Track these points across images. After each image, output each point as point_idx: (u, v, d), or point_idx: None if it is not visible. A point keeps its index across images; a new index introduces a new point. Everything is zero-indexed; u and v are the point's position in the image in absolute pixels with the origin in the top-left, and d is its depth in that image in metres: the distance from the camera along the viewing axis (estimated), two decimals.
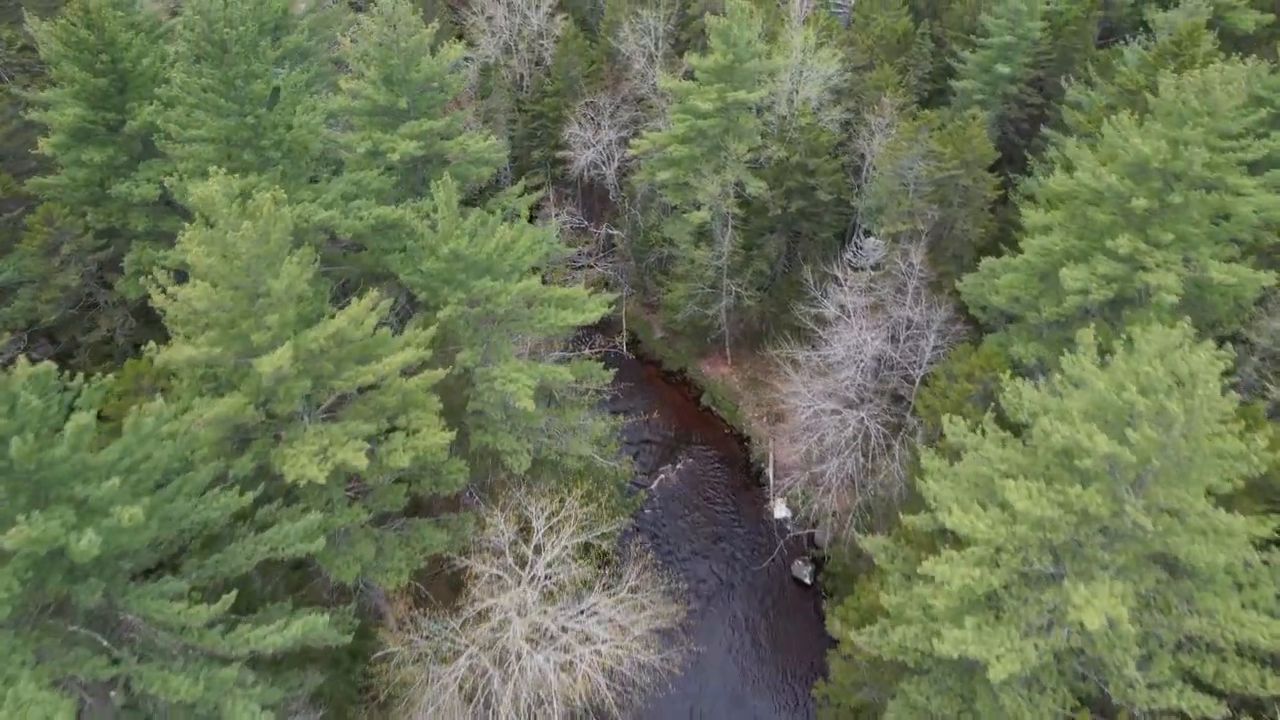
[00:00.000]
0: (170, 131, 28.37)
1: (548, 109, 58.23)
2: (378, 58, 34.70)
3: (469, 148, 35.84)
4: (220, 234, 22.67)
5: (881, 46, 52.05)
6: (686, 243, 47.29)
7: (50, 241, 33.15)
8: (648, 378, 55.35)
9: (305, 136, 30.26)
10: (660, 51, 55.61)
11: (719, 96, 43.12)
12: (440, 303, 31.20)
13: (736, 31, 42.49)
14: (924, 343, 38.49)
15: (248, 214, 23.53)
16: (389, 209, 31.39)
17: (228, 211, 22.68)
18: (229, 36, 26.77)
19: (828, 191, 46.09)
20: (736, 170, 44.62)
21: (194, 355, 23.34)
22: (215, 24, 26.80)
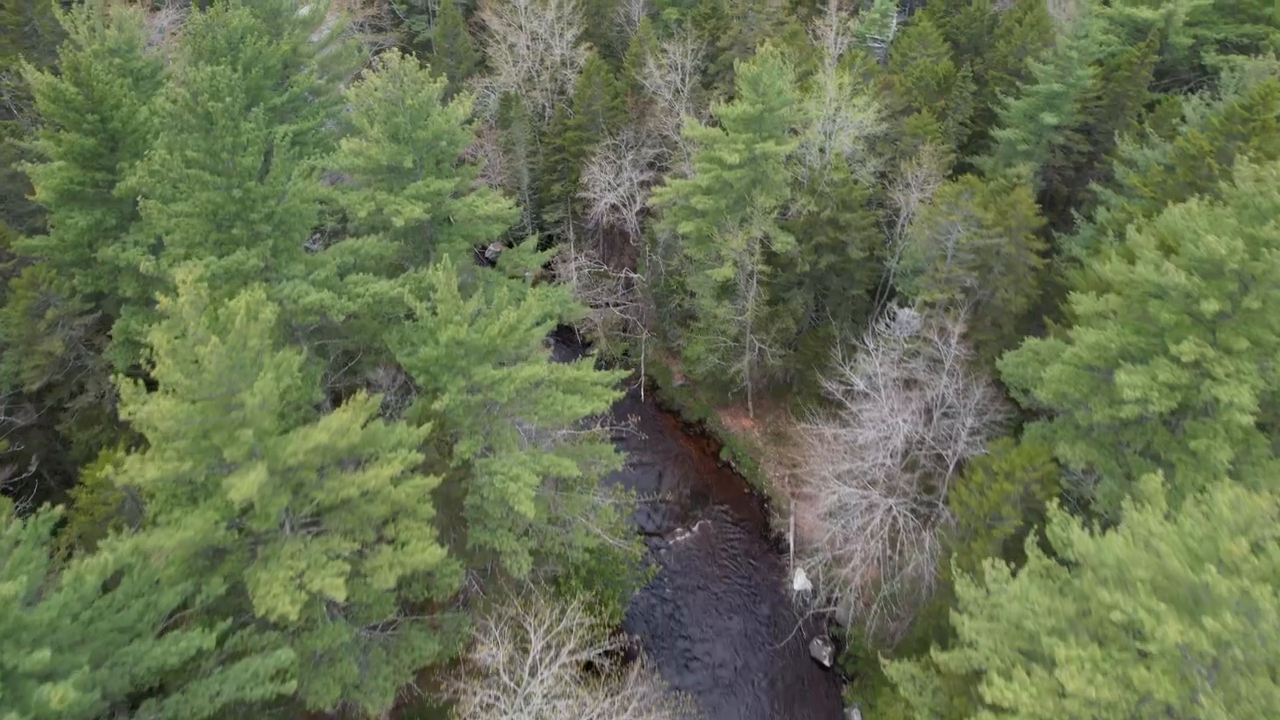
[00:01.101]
0: (151, 211, 26.09)
1: (568, 143, 55.51)
2: (382, 115, 32.17)
3: (478, 210, 33.24)
4: (188, 347, 20.27)
5: (920, 89, 48.75)
6: (708, 298, 44.44)
7: (35, 305, 31.06)
8: (666, 427, 52.61)
9: (299, 207, 27.84)
10: (687, 87, 52.66)
11: (746, 147, 40.17)
12: (439, 388, 28.72)
13: (767, 80, 39.48)
14: (959, 423, 35.46)
15: (222, 321, 21.11)
16: (387, 285, 28.90)
17: (195, 325, 20.25)
18: (215, 109, 24.36)
19: (860, 248, 43.01)
20: (763, 225, 41.68)
21: (160, 474, 20.97)
22: (200, 95, 24.40)
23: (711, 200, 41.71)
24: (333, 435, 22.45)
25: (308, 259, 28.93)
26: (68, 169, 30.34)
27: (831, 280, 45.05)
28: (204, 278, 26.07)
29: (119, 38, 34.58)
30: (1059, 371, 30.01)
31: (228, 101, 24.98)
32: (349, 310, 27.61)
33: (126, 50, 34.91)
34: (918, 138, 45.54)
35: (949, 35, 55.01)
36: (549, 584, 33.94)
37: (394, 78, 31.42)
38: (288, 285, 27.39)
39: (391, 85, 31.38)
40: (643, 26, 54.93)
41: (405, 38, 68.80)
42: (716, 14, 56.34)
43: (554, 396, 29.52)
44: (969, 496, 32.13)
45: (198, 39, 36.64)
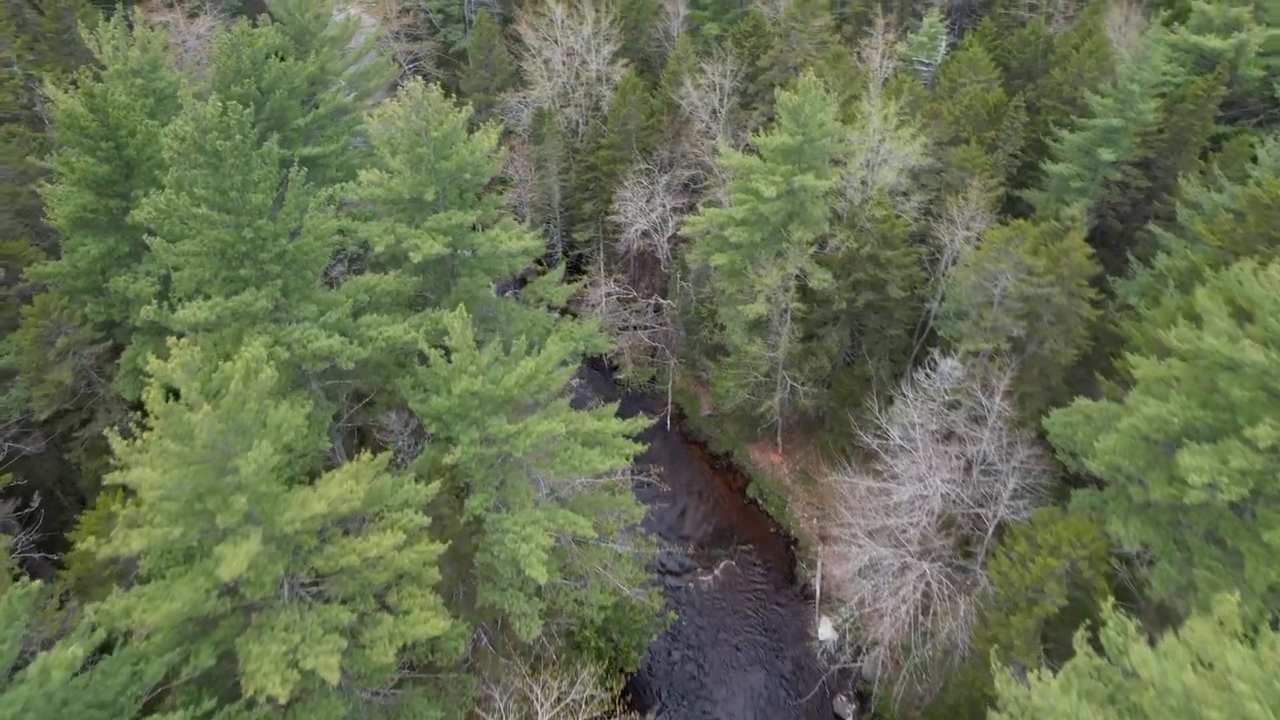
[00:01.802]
0: (158, 249, 24.83)
1: (601, 161, 53.77)
2: (405, 145, 30.65)
3: (501, 246, 31.60)
4: (179, 413, 18.84)
5: (969, 118, 46.25)
6: (739, 333, 42.45)
7: (45, 334, 30.05)
8: (691, 459, 50.72)
9: (313, 245, 26.41)
10: (725, 108, 50.64)
11: (784, 180, 38.10)
12: (451, 438, 27.14)
13: (809, 112, 37.37)
14: (1001, 483, 33.17)
15: (218, 382, 19.67)
16: (400, 329, 27.38)
17: (188, 390, 18.82)
18: (223, 149, 22.97)
19: (901, 287, 40.73)
20: (800, 260, 39.60)
21: (147, 543, 19.60)
22: (209, 133, 23.03)
23: (746, 232, 39.70)
24: (333, 503, 20.93)
25: (321, 298, 27.50)
26: (81, 195, 29.24)
27: (869, 318, 42.83)
28: (209, 321, 24.77)
29: (142, 58, 33.46)
30: (1114, 443, 27.62)
31: (237, 139, 23.56)
32: (360, 356, 26.12)
33: (150, 70, 33.78)
34: (965, 171, 43.14)
35: (1000, 59, 52.38)
36: (561, 637, 32.31)
37: (418, 107, 29.87)
38: (297, 328, 25.96)
39: (415, 115, 29.83)
40: (681, 44, 53.01)
41: (441, 47, 67.52)
42: (758, 31, 54.20)
43: (572, 450, 27.80)
44: (1009, 568, 29.91)
45: (223, 59, 35.45)
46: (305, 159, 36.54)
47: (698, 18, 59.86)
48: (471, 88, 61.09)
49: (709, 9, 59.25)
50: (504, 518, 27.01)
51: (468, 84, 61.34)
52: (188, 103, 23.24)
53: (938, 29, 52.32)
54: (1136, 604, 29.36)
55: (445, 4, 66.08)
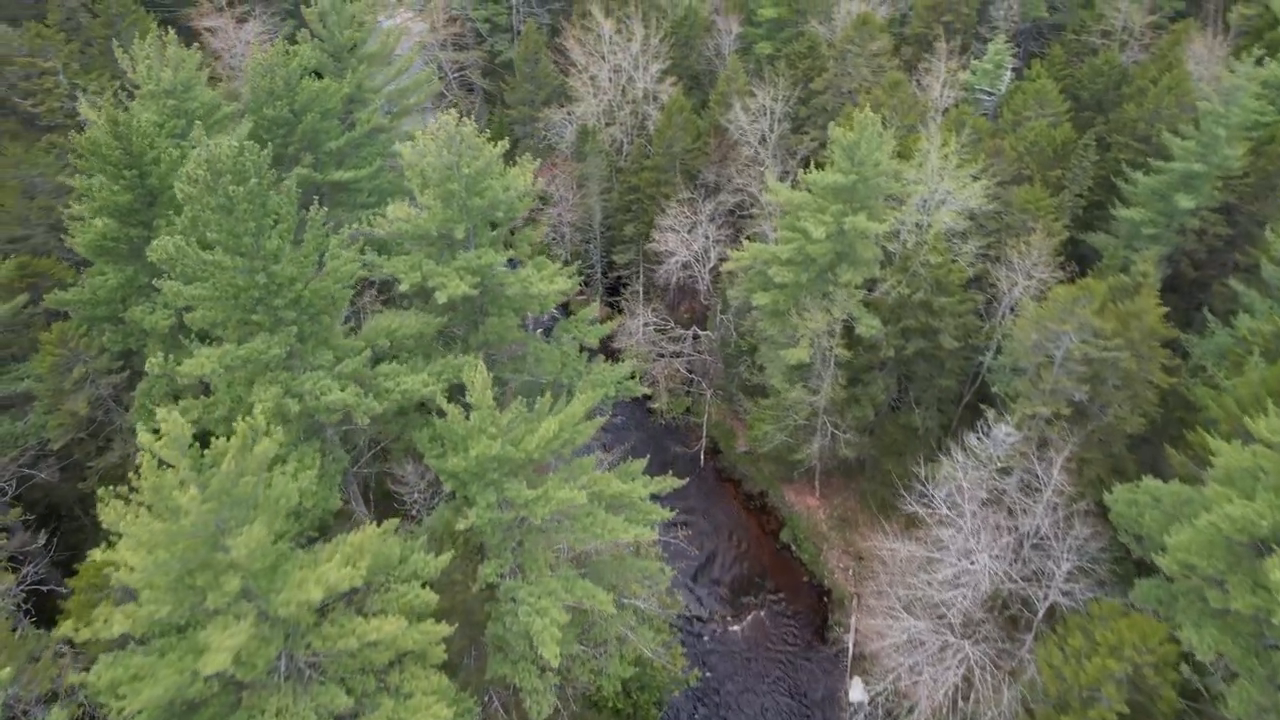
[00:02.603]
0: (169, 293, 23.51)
1: (644, 183, 51.76)
2: (436, 179, 28.98)
3: (531, 288, 29.79)
4: (168, 489, 17.34)
5: (1034, 155, 43.28)
6: (780, 376, 40.16)
7: (62, 363, 29.04)
8: (724, 496, 48.57)
9: (331, 289, 24.88)
10: (774, 134, 48.25)
11: (835, 220, 35.75)
12: (468, 498, 25.44)
13: (864, 150, 34.93)
14: (1054, 563, 30.53)
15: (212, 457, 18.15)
16: (419, 380, 25.73)
17: (177, 468, 17.31)
18: (236, 194, 21.48)
19: (954, 336, 38.10)
20: (847, 305, 37.19)
21: (130, 624, 18.19)
22: (221, 178, 21.56)
23: (791, 272, 37.40)
24: (331, 586, 19.32)
25: (338, 344, 25.95)
26: (102, 223, 28.11)
27: (918, 366, 40.23)
28: (217, 372, 23.35)
29: (174, 78, 32.29)
30: (1188, 539, 24.90)
31: (252, 183, 22.05)
32: (374, 411, 24.52)
33: (183, 91, 32.60)
34: (1027, 213, 40.28)
35: (1069, 90, 49.19)
36: (576, 702, 30.51)
37: (450, 142, 28.15)
38: (310, 377, 24.45)
39: (447, 150, 28.13)
40: (732, 65, 50.69)
41: (487, 57, 66.03)
42: (813, 53, 51.65)
43: (595, 516, 25.92)
44: (1062, 662, 27.38)
45: (256, 79, 34.19)
46: (337, 183, 35.17)
47: (750, 35, 57.43)
48: (516, 101, 59.50)
49: (762, 27, 56.77)
50: (519, 586, 25.25)
51: (512, 97, 59.75)
52: (201, 142, 21.79)
53: (1003, 57, 49.28)
54: (1207, 715, 26.63)
55: (493, 13, 64.55)
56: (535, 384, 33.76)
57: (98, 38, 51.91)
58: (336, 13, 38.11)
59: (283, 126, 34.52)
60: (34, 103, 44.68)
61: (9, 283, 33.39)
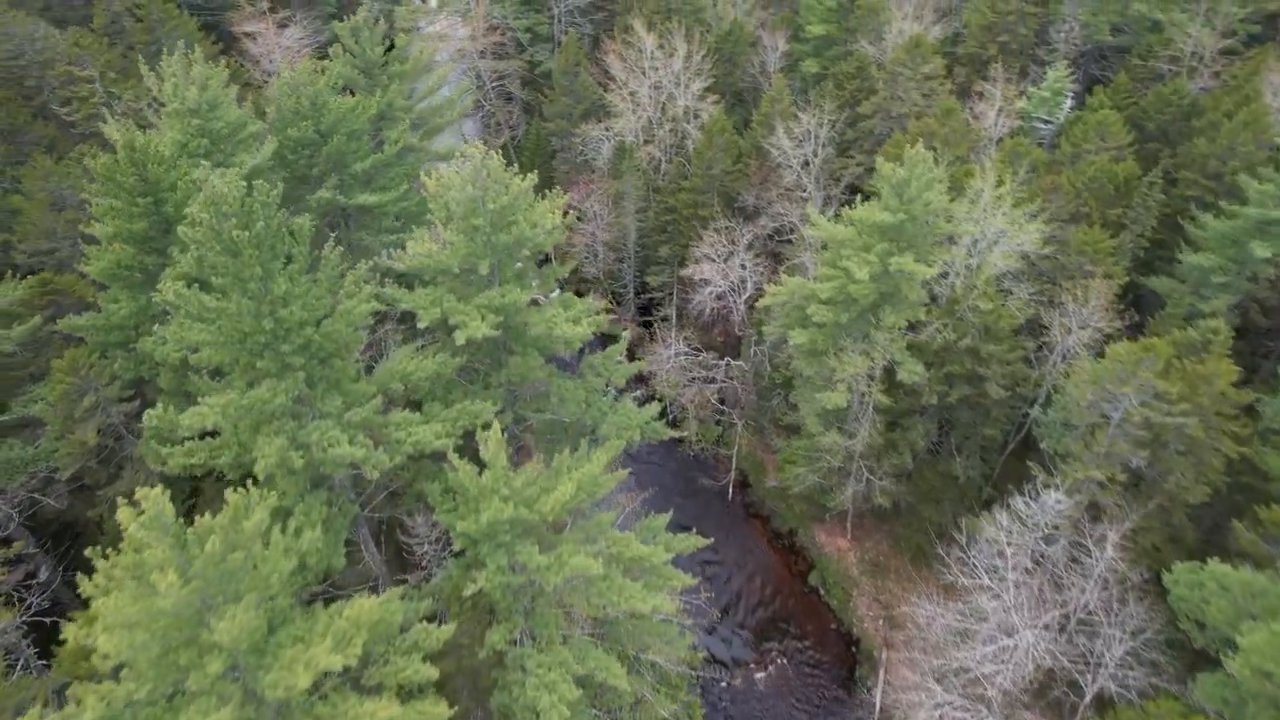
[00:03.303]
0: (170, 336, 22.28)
1: (681, 204, 49.90)
2: (459, 214, 27.45)
3: (555, 330, 28.14)
4: (147, 571, 16.00)
5: (1093, 192, 40.59)
6: (814, 419, 38.09)
7: (73, 390, 28.11)
8: (752, 533, 46.61)
9: (342, 332, 23.49)
10: (818, 159, 46.08)
11: (879, 260, 33.61)
12: (478, 558, 23.89)
13: (914, 189, 32.73)
14: (1104, 644, 28.18)
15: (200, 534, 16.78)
16: (432, 432, 24.23)
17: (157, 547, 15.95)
18: (241, 240, 20.14)
19: (1001, 384, 35.74)
20: (889, 349, 35.03)
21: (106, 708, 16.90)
22: (226, 222, 20.23)
23: (831, 312, 35.29)
24: (321, 670, 17.88)
25: (349, 389, 24.52)
26: (116, 250, 27.07)
27: (961, 413, 37.88)
28: (218, 425, 22.06)
29: (200, 97, 31.19)
30: (1263, 642, 22.51)
31: (259, 227, 20.67)
32: (384, 466, 23.06)
33: (208, 110, 31.49)
34: (1085, 256, 37.73)
35: (1134, 119, 46.23)
36: None
37: (476, 175, 26.59)
38: (317, 427, 23.04)
39: (472, 186, 26.57)
40: (777, 84, 48.54)
41: (527, 67, 64.57)
42: (861, 74, 49.33)
43: (611, 582, 24.21)
44: None
45: (282, 98, 33.00)
46: (362, 207, 33.89)
47: (797, 52, 55.25)
48: (554, 114, 57.94)
49: (810, 44, 54.55)
50: (528, 654, 23.65)
51: (550, 109, 58.20)
52: (206, 183, 20.45)
53: (1063, 84, 46.51)
54: None
55: (534, 23, 63.06)
56: (558, 423, 32.17)
57: (139, 43, 51.41)
58: (369, 28, 36.79)
59: (308, 147, 33.33)
60: (69, 111, 44.19)
61: (30, 299, 32.67)
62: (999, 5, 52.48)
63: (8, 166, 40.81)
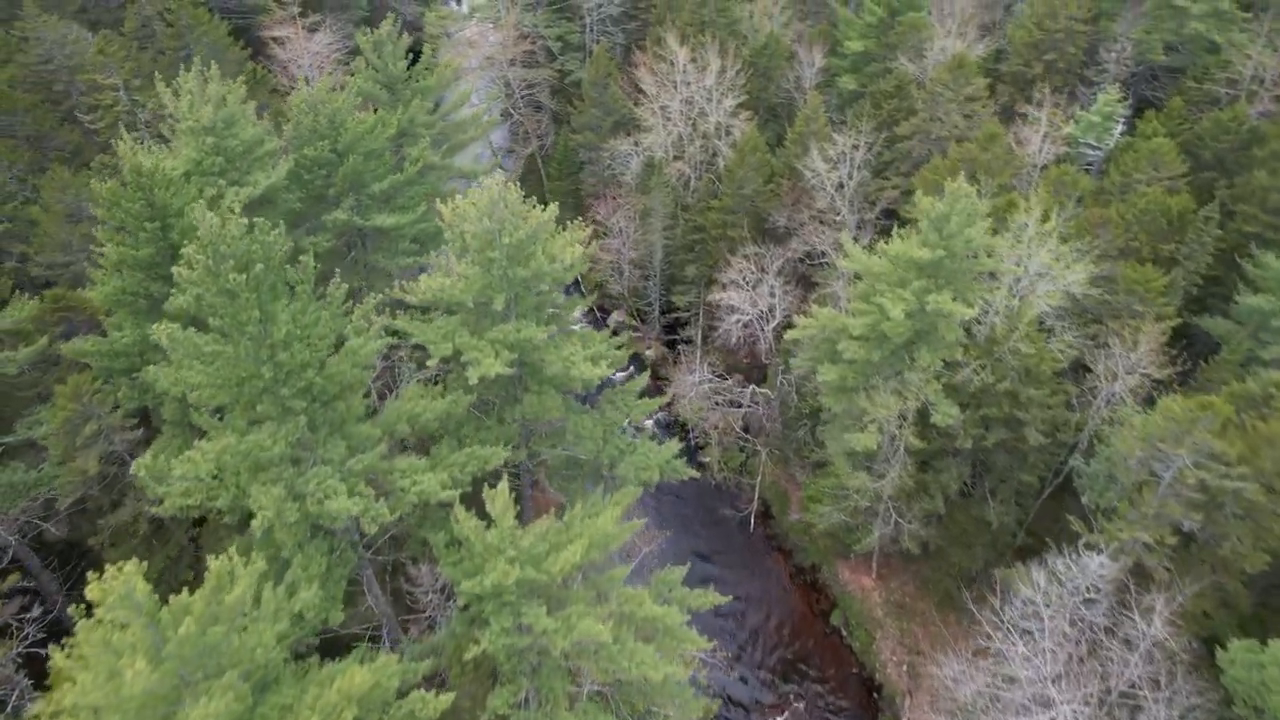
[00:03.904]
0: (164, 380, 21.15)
1: (710, 223, 48.22)
2: (475, 246, 26.06)
3: (573, 370, 26.65)
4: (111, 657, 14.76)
5: (1144, 225, 38.27)
6: (842, 459, 36.31)
7: (75, 418, 27.17)
8: (773, 568, 44.87)
9: (346, 373, 22.22)
10: (854, 182, 44.16)
11: (915, 298, 31.75)
12: (482, 615, 22.52)
13: (955, 225, 30.81)
14: None
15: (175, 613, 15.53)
16: (438, 481, 22.85)
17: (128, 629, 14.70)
18: (237, 284, 18.89)
19: (1041, 430, 33.70)
20: (924, 391, 33.14)
21: None
22: (224, 264, 19.01)
23: (863, 350, 33.50)
24: None
25: (353, 433, 23.23)
26: (120, 278, 26.05)
27: (997, 457, 35.87)
28: (211, 473, 20.86)
29: (215, 115, 30.09)
30: None
31: (258, 269, 19.40)
32: (384, 519, 21.74)
33: (224, 128, 30.41)
34: (1134, 295, 35.53)
35: (1188, 147, 43.68)
36: None
37: (492, 208, 25.18)
38: (316, 475, 21.77)
39: (488, 218, 25.16)
40: (812, 103, 46.62)
41: (557, 76, 63.16)
42: (900, 93, 47.29)
43: (622, 646, 22.71)
44: None
45: (299, 116, 31.86)
46: (379, 229, 32.67)
47: (834, 67, 53.20)
48: (583, 125, 56.50)
49: (848, 60, 52.51)
50: (533, 719, 22.24)
51: (579, 121, 56.76)
52: (202, 221, 19.21)
53: (1114, 109, 44.11)
54: None
55: (565, 31, 61.60)
56: (574, 459, 30.73)
57: (168, 49, 50.72)
58: (392, 41, 35.54)
59: (324, 166, 32.17)
60: (93, 119, 43.53)
61: (41, 316, 31.85)
62: (1046, 22, 50.09)
63: (29, 174, 40.13)
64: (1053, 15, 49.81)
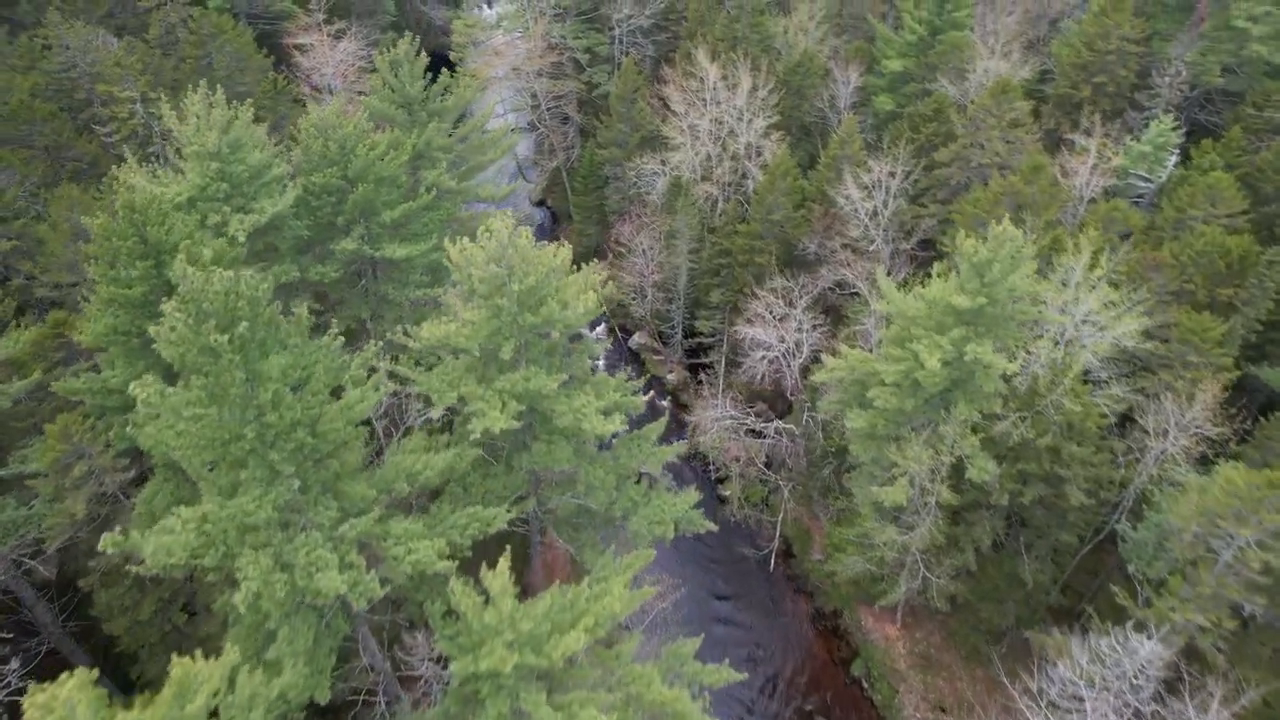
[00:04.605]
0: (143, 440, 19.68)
1: (738, 248, 46.13)
2: (482, 292, 24.29)
3: (584, 424, 24.80)
4: None
5: (1200, 268, 35.66)
6: (869, 509, 34.19)
7: (64, 459, 25.84)
8: (793, 611, 42.77)
9: (340, 431, 20.59)
10: (888, 210, 41.91)
11: (953, 347, 29.53)
12: (477, 694, 20.79)
13: (998, 271, 28.53)
14: None
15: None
16: (434, 549, 21.09)
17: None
18: (220, 345, 17.28)
19: (1083, 489, 31.33)
20: (959, 445, 30.91)
21: None
22: (204, 323, 17.41)
23: (896, 399, 31.34)
24: None
25: (348, 492, 21.58)
26: (113, 315, 24.64)
27: (1034, 513, 33.52)
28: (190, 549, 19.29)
29: (220, 140, 28.61)
30: None
31: (242, 329, 17.76)
32: (374, 595, 20.07)
33: (229, 153, 28.92)
34: (1189, 345, 33.02)
35: (1247, 180, 40.85)
36: None
37: (501, 252, 23.38)
38: (305, 544, 20.14)
39: (496, 264, 23.38)
40: (846, 126, 44.36)
41: (585, 88, 61.33)
42: (939, 116, 44.91)
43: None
44: None
45: (308, 141, 30.33)
46: (388, 260, 31.08)
47: (871, 86, 50.87)
48: (608, 140, 54.66)
49: (885, 79, 50.14)
50: None
51: (605, 136, 54.92)
52: (183, 276, 17.61)
53: (1167, 139, 41.38)
54: None
55: (594, 43, 59.70)
56: (584, 509, 28.94)
57: (189, 58, 49.58)
58: (409, 61, 33.88)
59: (333, 194, 30.62)
60: (108, 132, 42.42)
61: (41, 341, 30.61)
62: (1097, 43, 47.33)
63: (42, 189, 39.08)
64: (1104, 36, 47.06)
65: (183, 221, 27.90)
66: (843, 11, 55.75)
